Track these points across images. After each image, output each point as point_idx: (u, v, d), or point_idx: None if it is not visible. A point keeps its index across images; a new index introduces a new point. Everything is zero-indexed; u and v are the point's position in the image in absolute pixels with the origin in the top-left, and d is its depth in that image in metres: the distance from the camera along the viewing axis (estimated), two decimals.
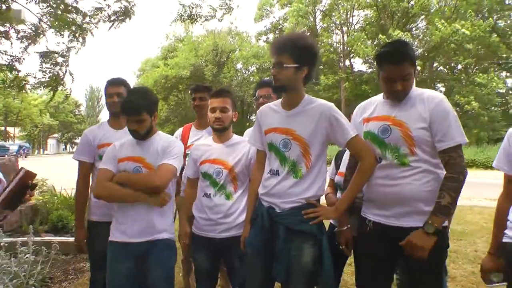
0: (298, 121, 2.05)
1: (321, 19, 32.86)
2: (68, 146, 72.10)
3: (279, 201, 2.05)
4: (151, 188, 2.20)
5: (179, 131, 3.25)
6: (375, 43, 27.01)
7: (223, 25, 36.75)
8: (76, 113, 68.11)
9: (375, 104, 2.11)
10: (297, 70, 2.00)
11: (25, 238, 4.05)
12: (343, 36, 30.77)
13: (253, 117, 33.41)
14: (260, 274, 2.11)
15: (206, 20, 5.85)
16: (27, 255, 3.76)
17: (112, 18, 4.77)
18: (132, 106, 2.21)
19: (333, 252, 2.07)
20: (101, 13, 4.74)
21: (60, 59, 4.45)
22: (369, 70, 29.42)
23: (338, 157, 2.73)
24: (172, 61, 33.69)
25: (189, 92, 3.40)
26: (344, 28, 30.61)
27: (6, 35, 3.85)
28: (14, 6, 4.03)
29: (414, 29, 28.27)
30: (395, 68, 1.90)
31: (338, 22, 30.75)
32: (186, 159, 2.66)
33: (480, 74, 23.06)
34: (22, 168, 1.95)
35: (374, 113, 2.07)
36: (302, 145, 2.02)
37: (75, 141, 67.27)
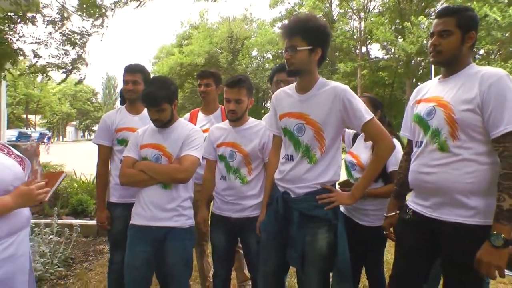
0: (312, 105, 2.00)
1: (338, 5, 32.25)
2: (86, 133, 73.38)
3: (294, 186, 2.04)
4: (176, 181, 2.25)
5: (186, 116, 3.29)
6: (392, 28, 26.37)
7: (238, 12, 36.39)
8: (93, 101, 69.18)
9: (430, 85, 1.97)
10: (310, 52, 1.96)
11: (48, 220, 4.23)
12: (360, 22, 30.18)
13: (268, 104, 33.30)
14: (274, 258, 2.13)
15: None
16: (51, 236, 3.94)
17: None
18: (152, 97, 2.25)
19: (353, 242, 2.05)
20: None
21: (78, 42, 4.50)
22: (386, 57, 28.81)
23: (354, 140, 2.74)
24: (187, 48, 33.68)
25: (196, 78, 3.41)
26: (362, 14, 29.97)
27: (32, 21, 3.95)
28: None
29: (433, 14, 27.46)
30: (437, 21, 1.83)
31: (355, 8, 30.13)
32: None
33: (502, 63, 22.21)
34: (63, 172, 2.05)
35: (426, 95, 1.93)
36: (316, 130, 1.98)
37: (92, 128, 68.52)
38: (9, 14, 3.87)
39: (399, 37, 24.61)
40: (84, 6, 4.24)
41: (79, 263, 4.13)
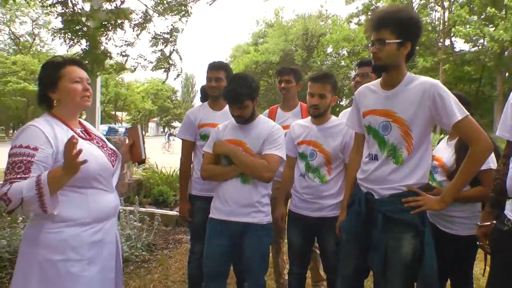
0: (399, 102, 1.88)
1: None
2: (166, 129, 77.99)
3: (378, 187, 1.93)
4: (260, 178, 2.24)
5: (265, 112, 3.29)
6: (482, 17, 24.00)
7: (313, 9, 36.07)
8: (173, 99, 73.54)
9: None
10: (399, 46, 1.83)
11: (132, 208, 4.60)
12: (443, 13, 28.10)
13: (343, 102, 32.54)
14: (353, 261, 2.05)
15: None
16: (135, 222, 4.26)
17: None
18: (234, 95, 2.27)
19: (436, 252, 1.87)
20: None
21: (169, 39, 4.80)
22: (473, 49, 26.35)
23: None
24: (262, 47, 34.18)
25: (275, 75, 3.42)
26: (445, 3, 27.85)
27: (121, 26, 4.33)
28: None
29: None
30: None
31: None
32: None
33: None
34: (137, 125, 2.19)
35: None
36: (403, 128, 1.86)
37: (172, 124, 72.83)
38: (103, 23, 4.26)
39: (490, 25, 22.29)
40: (167, 6, 4.54)
41: (160, 250, 4.39)
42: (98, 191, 1.71)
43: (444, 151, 2.37)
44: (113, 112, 52.58)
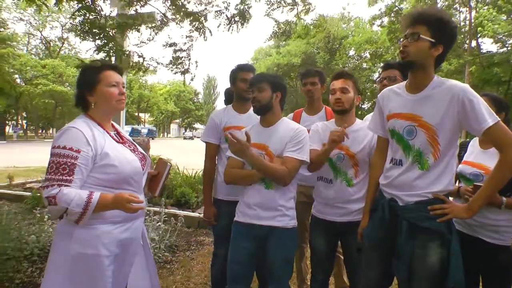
0: (425, 106, 1.83)
1: None
2: (187, 130, 78.88)
3: (402, 193, 1.88)
4: (279, 183, 2.23)
5: (290, 116, 3.22)
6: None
7: (335, 11, 35.81)
8: (195, 100, 74.36)
9: None
10: (431, 46, 1.79)
11: (157, 208, 4.65)
12: (470, 13, 27.32)
13: (365, 105, 32.15)
14: (376, 268, 2.01)
15: (299, 37, 6.07)
16: (159, 223, 4.30)
17: (231, 20, 5.19)
18: (256, 77, 2.37)
19: (473, 263, 1.83)
20: (221, 15, 5.23)
21: (184, 53, 5.02)
22: (502, 50, 25.40)
23: (462, 149, 2.43)
24: (284, 49, 34.19)
25: (299, 77, 3.36)
26: (472, 3, 27.05)
27: (137, 29, 4.46)
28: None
29: None
30: None
31: None
32: None
33: None
34: (168, 163, 2.20)
35: None
36: (429, 133, 1.81)
37: (194, 126, 73.69)
38: (121, 24, 4.40)
39: None
40: (181, 14, 4.70)
41: (182, 251, 4.43)
42: (129, 192, 1.77)
43: (488, 158, 2.22)
44: (137, 114, 53.63)
